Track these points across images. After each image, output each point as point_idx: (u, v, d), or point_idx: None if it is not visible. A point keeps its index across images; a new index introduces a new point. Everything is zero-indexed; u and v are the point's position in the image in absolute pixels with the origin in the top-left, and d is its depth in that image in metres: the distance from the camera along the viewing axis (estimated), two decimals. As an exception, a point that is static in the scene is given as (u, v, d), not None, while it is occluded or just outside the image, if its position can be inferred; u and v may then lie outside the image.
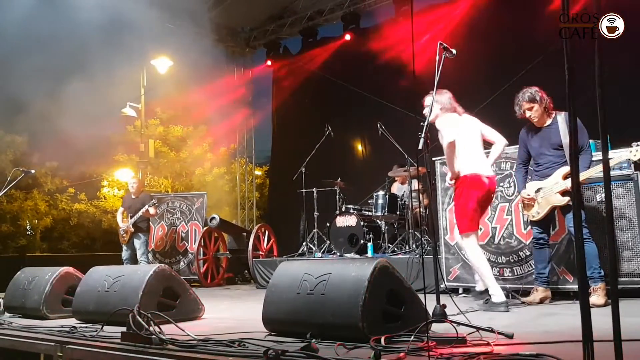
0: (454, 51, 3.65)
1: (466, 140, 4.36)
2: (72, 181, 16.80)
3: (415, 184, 7.38)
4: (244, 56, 13.09)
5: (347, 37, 10.96)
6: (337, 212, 7.87)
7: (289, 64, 12.22)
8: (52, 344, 3.25)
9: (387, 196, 7.39)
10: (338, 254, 7.51)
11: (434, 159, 5.61)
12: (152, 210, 8.11)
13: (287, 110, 12.23)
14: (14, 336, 3.62)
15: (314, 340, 2.78)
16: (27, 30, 9.55)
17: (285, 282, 3.35)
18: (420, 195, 6.87)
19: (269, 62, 12.56)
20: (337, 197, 8.11)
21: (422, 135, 3.47)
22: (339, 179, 8.18)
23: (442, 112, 4.38)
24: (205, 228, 8.86)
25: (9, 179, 6.74)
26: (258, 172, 17.80)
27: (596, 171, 4.15)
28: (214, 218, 8.56)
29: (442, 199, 5.77)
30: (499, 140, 4.56)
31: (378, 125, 7.54)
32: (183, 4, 9.82)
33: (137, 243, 8.11)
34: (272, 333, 3.26)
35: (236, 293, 7.38)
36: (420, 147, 3.47)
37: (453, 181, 4.43)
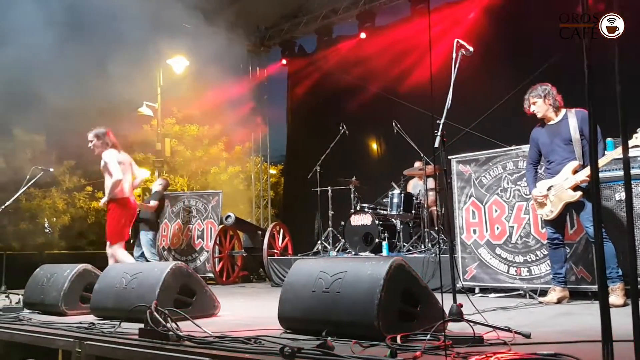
0: (470, 48, 3.63)
1: None
2: (89, 179, 17.01)
3: (431, 183, 7.35)
4: (259, 55, 13.14)
5: (363, 35, 10.93)
6: (352, 210, 7.86)
7: (304, 62, 12.23)
8: (71, 340, 3.29)
9: (402, 195, 7.36)
10: (353, 252, 7.50)
11: (450, 157, 5.58)
12: (152, 203, 8.30)
13: (302, 109, 12.25)
14: (33, 332, 3.67)
15: (329, 338, 2.79)
16: (43, 30, 9.65)
17: (300, 280, 3.36)
18: (436, 194, 6.83)
19: (284, 61, 12.59)
20: (352, 195, 8.09)
21: (439, 134, 3.45)
22: (354, 177, 8.18)
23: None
24: (220, 226, 8.91)
25: (27, 177, 6.85)
26: (272, 171, 17.85)
27: (607, 160, 4.10)
28: (229, 216, 8.60)
29: (458, 198, 5.73)
30: None
31: (393, 123, 7.51)
32: (199, 3, 9.88)
33: (144, 240, 8.30)
34: (288, 331, 3.28)
35: (251, 291, 7.42)
36: (436, 145, 3.46)
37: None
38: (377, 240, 7.28)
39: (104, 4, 9.87)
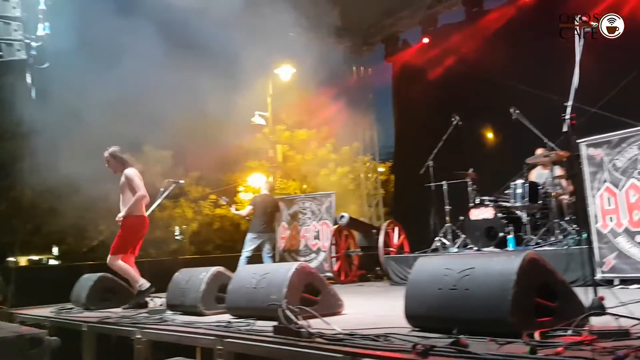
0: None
1: None
2: (212, 188, 18.13)
3: (557, 170, 6.88)
4: (362, 54, 13.17)
5: (470, 21, 10.54)
6: (471, 204, 7.58)
7: (408, 56, 12.05)
8: (212, 338, 3.53)
9: (526, 184, 6.98)
10: (475, 248, 7.23)
11: (578, 141, 5.20)
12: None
13: (409, 103, 12.07)
14: (178, 332, 3.99)
15: (461, 335, 2.74)
16: (159, 50, 10.42)
17: (425, 277, 3.33)
18: (564, 182, 6.39)
19: (388, 57, 12.51)
20: (469, 188, 7.80)
21: (567, 117, 3.24)
22: (471, 169, 7.88)
23: None
24: (335, 226, 9.05)
25: (161, 189, 7.47)
26: (381, 169, 17.79)
27: None
28: (343, 216, 8.71)
29: (591, 184, 5.31)
30: None
31: (511, 110, 7.14)
32: (301, 11, 10.14)
33: (269, 244, 8.73)
34: (416, 328, 3.25)
35: (370, 290, 7.44)
36: (565, 129, 3.25)
37: None
38: (501, 234, 6.95)
39: (211, 22, 10.46)
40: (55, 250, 20.15)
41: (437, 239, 7.94)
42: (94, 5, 9.27)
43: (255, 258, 8.76)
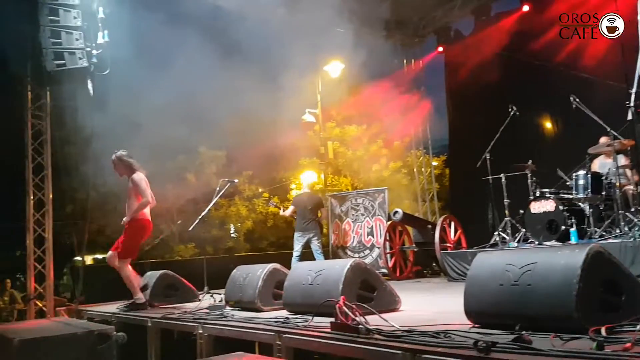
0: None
1: None
2: (265, 186, 18.43)
3: (622, 159, 6.55)
4: (413, 47, 13.00)
5: (525, 7, 10.21)
6: (531, 197, 7.33)
7: (461, 46, 11.78)
8: (272, 333, 3.59)
9: (588, 176, 6.69)
10: (536, 242, 7.00)
11: (644, 128, 4.92)
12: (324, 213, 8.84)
13: (463, 95, 11.80)
14: (239, 327, 4.08)
15: (524, 332, 2.67)
16: (209, 52, 10.63)
17: (485, 273, 3.26)
18: (629, 171, 6.07)
19: (440, 49, 12.29)
20: (528, 181, 7.54)
21: (631, 105, 3.08)
22: (530, 161, 7.62)
23: None
24: (389, 222, 8.98)
25: (217, 189, 7.65)
26: (435, 163, 17.54)
27: None
28: (397, 212, 8.63)
29: (659, 173, 5.03)
30: None
31: (571, 98, 6.85)
32: (351, 6, 10.11)
33: (315, 241, 8.73)
34: (476, 325, 3.19)
35: (427, 286, 7.34)
36: (629, 117, 3.09)
37: None
38: (563, 227, 6.70)
39: (259, 22, 10.59)
40: (118, 249, 21.04)
41: (495, 233, 7.73)
42: (147, 12, 9.58)
43: (308, 255, 8.82)
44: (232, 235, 19.53)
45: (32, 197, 8.68)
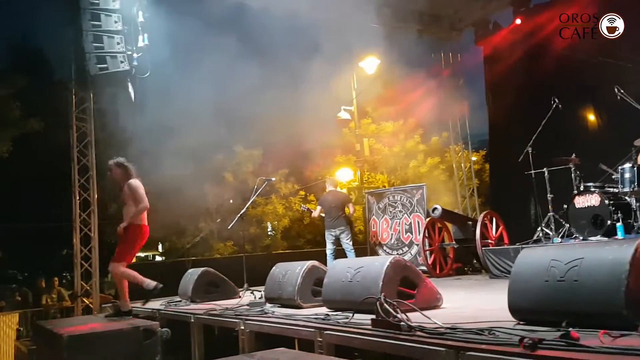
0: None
1: None
2: (301, 184, 18.51)
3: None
4: (450, 41, 12.78)
5: (566, -3, 9.87)
6: (575, 191, 7.12)
7: (500, 39, 11.51)
8: (313, 330, 3.60)
9: (635, 168, 6.45)
10: (581, 237, 6.80)
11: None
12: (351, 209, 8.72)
13: (503, 88, 11.53)
14: (280, 323, 4.12)
15: (571, 328, 2.61)
16: (243, 53, 10.74)
17: (530, 269, 3.21)
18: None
19: (478, 42, 12.05)
20: (572, 175, 7.33)
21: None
22: (573, 154, 7.40)
23: None
24: (428, 219, 8.88)
25: (255, 187, 7.73)
26: (474, 158, 17.25)
27: None
28: (436, 208, 8.53)
29: None
30: None
31: (615, 89, 6.62)
32: (386, 1, 10.04)
33: (344, 238, 8.68)
34: (521, 322, 3.13)
35: (469, 283, 7.23)
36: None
37: None
38: (608, 222, 6.49)
39: (295, 19, 10.62)
40: (159, 247, 21.57)
41: (538, 229, 7.54)
42: (184, 14, 9.76)
43: (341, 253, 8.81)
44: (270, 233, 19.73)
45: (78, 198, 8.97)
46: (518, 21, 11.08)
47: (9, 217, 16.41)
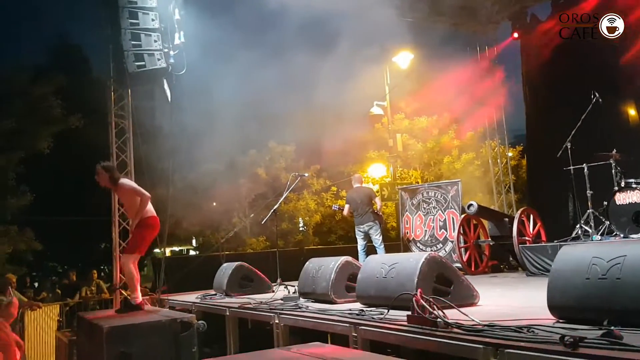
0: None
1: None
2: (333, 180, 18.50)
3: None
4: (486, 34, 12.54)
5: (605, -13, 9.55)
6: (616, 188, 6.91)
7: (538, 31, 11.21)
8: (347, 325, 3.61)
9: (680, 164, 6.23)
10: (622, 235, 6.60)
11: None
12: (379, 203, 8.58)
13: (541, 82, 11.25)
14: (314, 318, 4.13)
15: (613, 327, 2.55)
16: (275, 49, 10.78)
17: (570, 267, 3.15)
18: None
19: (515, 35, 11.78)
20: (613, 171, 7.11)
21: None
22: (614, 150, 7.17)
23: None
24: (463, 215, 8.76)
25: (288, 183, 7.78)
26: (510, 154, 16.92)
27: None
28: (471, 205, 8.40)
29: None
30: None
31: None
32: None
33: (373, 233, 8.57)
34: (561, 320, 3.08)
35: (505, 281, 7.11)
36: None
37: None
38: (650, 219, 6.29)
39: (328, 16, 10.60)
40: (194, 242, 21.93)
41: (577, 226, 7.35)
42: (219, 12, 9.86)
43: (373, 249, 8.76)
44: (301, 228, 19.81)
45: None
46: (556, 13, 10.78)
47: (50, 210, 16.96)
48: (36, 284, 14.01)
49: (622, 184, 6.90)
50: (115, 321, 4.49)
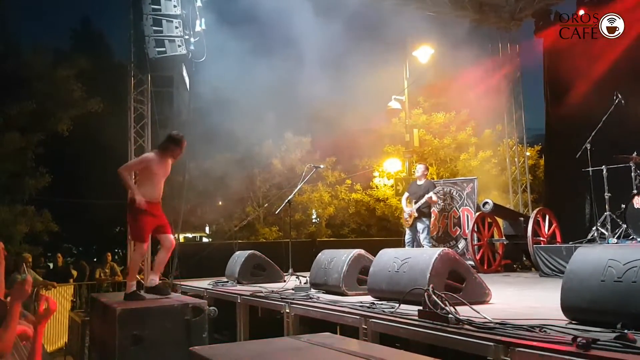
0: None
1: None
2: (348, 173, 18.51)
3: None
4: (508, 31, 12.35)
5: (632, -13, 9.35)
6: (635, 191, 6.81)
7: (562, 30, 11.02)
8: (358, 317, 3.62)
9: (703, 169, 6.11)
10: (638, 239, 6.51)
11: None
12: (434, 197, 8.13)
13: (563, 82, 11.07)
14: (325, 309, 4.15)
15: (626, 330, 2.52)
16: (300, 41, 10.74)
17: (585, 269, 3.11)
18: None
19: (538, 33, 11.60)
20: (632, 174, 7.00)
21: None
22: (634, 153, 7.05)
23: None
24: (478, 213, 8.70)
25: (303, 174, 7.79)
26: (527, 153, 16.76)
27: None
28: (487, 203, 8.34)
29: None
30: None
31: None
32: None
33: (420, 227, 8.18)
34: (573, 321, 3.05)
35: (518, 280, 7.06)
36: None
37: None
38: (670, 223, 6.19)
39: (348, 8, 10.53)
40: (207, 229, 22.11)
41: (594, 228, 7.26)
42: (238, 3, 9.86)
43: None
44: (314, 220, 19.87)
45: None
46: (581, 12, 10.58)
47: (67, 193, 17.19)
48: (51, 265, 14.22)
49: (642, 187, 6.80)
50: (128, 304, 4.55)
